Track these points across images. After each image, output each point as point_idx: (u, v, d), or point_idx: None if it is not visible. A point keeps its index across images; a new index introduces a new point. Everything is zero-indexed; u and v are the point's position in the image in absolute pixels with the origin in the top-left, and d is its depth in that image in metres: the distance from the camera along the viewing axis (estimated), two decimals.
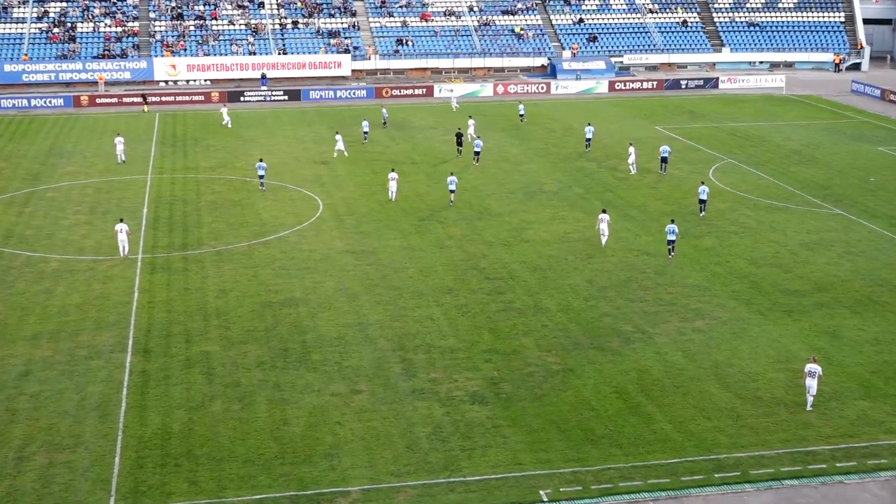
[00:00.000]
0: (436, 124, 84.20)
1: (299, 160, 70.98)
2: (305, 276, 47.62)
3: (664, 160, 67.88)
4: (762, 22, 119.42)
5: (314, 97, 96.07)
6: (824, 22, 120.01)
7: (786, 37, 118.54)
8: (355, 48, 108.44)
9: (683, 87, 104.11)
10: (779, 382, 37.05)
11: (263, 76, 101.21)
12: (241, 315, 42.84)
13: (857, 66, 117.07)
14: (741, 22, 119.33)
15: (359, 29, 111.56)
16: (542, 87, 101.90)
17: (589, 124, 76.29)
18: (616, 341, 40.53)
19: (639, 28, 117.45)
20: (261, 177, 62.47)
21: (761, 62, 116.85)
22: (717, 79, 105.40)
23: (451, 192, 59.41)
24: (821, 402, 35.44)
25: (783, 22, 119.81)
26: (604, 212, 52.94)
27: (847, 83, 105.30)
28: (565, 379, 37.27)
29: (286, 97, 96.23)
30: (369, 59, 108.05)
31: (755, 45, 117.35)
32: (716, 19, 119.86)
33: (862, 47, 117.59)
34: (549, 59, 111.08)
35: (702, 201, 57.49)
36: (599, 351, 39.65)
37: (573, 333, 41.29)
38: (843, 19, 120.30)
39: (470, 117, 79.10)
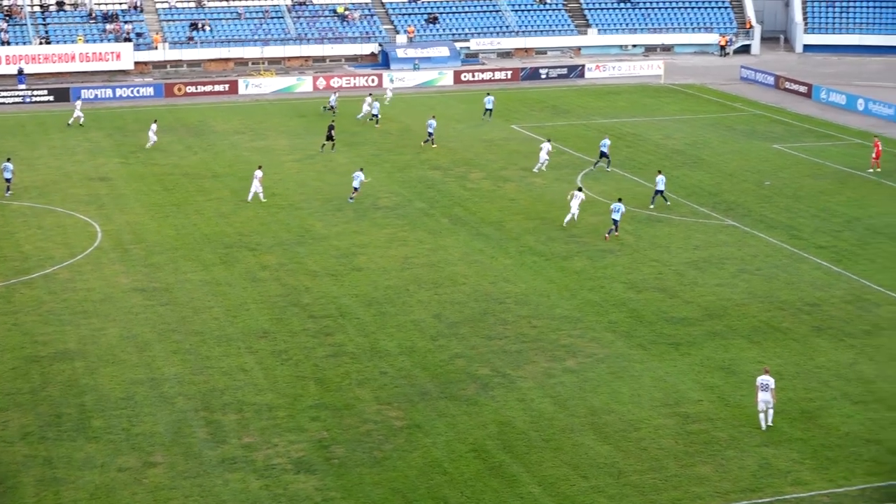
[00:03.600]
0: (243, 128, 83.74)
1: (70, 176, 69.62)
2: (82, 321, 46.66)
3: (603, 155, 70.92)
4: None
5: (87, 97, 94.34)
6: None
7: (663, 15, 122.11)
8: (138, 35, 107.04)
9: (544, 77, 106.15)
10: (667, 430, 37.97)
11: (20, 72, 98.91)
12: (0, 374, 41.72)
13: (746, 49, 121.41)
14: None
15: (142, 11, 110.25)
16: (373, 80, 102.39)
17: (433, 117, 77.79)
18: (471, 388, 40.88)
19: (488, 6, 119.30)
20: (7, 180, 61.41)
21: (635, 46, 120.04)
22: (584, 66, 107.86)
23: (355, 189, 63.38)
24: (716, 451, 36.49)
25: None
26: (579, 189, 60.22)
27: (735, 69, 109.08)
28: (411, 437, 37.40)
29: (51, 97, 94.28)
30: (156, 48, 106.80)
31: (627, 25, 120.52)
32: None
33: (751, 27, 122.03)
34: (380, 45, 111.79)
35: (658, 191, 62.35)
36: (452, 401, 39.92)
37: (419, 381, 41.47)
38: None
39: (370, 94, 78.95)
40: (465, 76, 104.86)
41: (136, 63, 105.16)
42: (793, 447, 36.91)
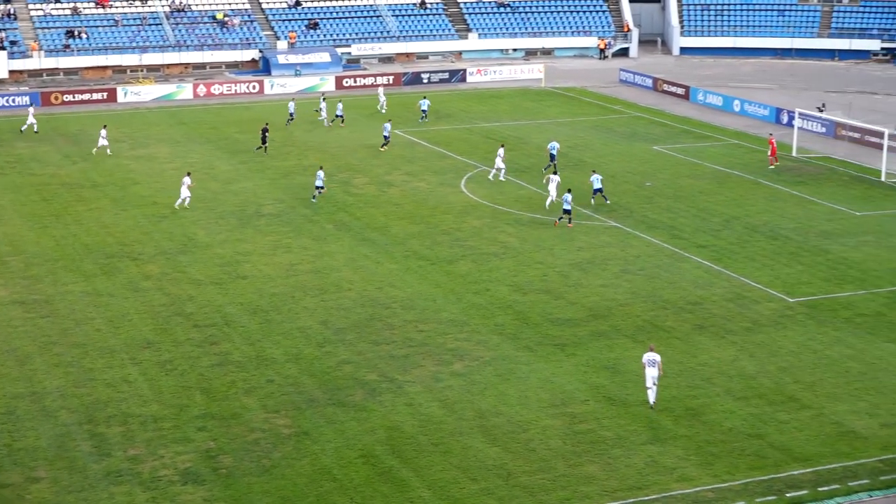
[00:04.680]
0: (122, 136, 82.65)
1: None
2: None
3: (553, 158, 71.75)
4: (514, 2, 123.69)
5: None
6: (586, 1, 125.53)
7: (543, 19, 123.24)
8: (13, 43, 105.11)
9: (425, 81, 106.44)
10: (554, 430, 38.29)
11: None
12: None
13: (624, 52, 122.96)
14: (489, 2, 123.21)
15: (16, 19, 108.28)
16: (254, 87, 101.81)
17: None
18: (359, 394, 40.84)
19: (369, 11, 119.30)
20: None
21: (515, 50, 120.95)
22: (465, 70, 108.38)
23: (319, 188, 65.17)
24: (603, 450, 36.88)
25: (539, 2, 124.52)
26: (555, 173, 65.95)
27: (615, 72, 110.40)
28: (299, 445, 37.25)
29: None
30: (31, 56, 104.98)
31: (507, 29, 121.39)
32: (460, 0, 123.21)
33: (629, 30, 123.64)
34: (261, 51, 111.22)
35: (596, 190, 63.74)
36: (340, 407, 39.84)
37: (307, 388, 41.33)
38: None
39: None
40: (347, 81, 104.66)
41: (11, 72, 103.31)
42: (678, 444, 37.43)
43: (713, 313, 48.65)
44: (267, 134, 78.00)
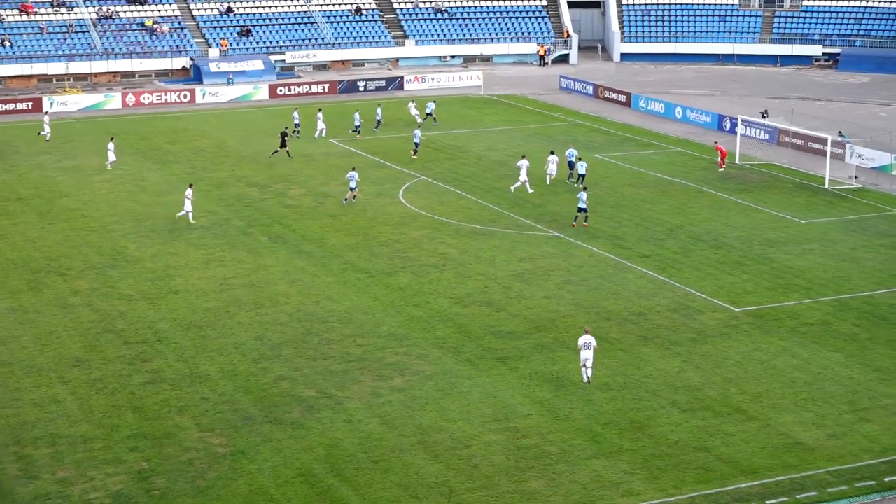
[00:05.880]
0: (48, 148, 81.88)
1: None
2: None
3: (572, 165, 72.32)
4: (451, 8, 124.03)
5: None
6: (524, 7, 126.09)
7: (481, 26, 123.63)
8: None
9: (362, 89, 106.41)
10: (498, 446, 38.27)
11: None
12: None
13: (564, 59, 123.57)
14: (426, 8, 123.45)
15: None
16: (185, 96, 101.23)
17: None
18: (297, 411, 40.65)
19: (303, 18, 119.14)
20: None
21: (453, 57, 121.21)
22: (402, 78, 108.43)
23: (351, 189, 66.18)
24: (548, 465, 36.90)
25: (476, 7, 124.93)
26: (552, 153, 70.38)
27: (555, 79, 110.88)
28: (235, 464, 37.00)
29: None
30: None
31: (445, 36, 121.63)
32: (396, 6, 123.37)
33: (569, 36, 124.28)
34: (191, 59, 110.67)
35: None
36: (277, 425, 39.63)
37: (242, 405, 41.09)
38: (545, 3, 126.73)
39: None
40: (281, 90, 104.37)
41: None
42: (623, 458, 37.54)
43: (657, 324, 48.90)
44: (286, 138, 78.37)
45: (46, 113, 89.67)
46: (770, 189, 71.40)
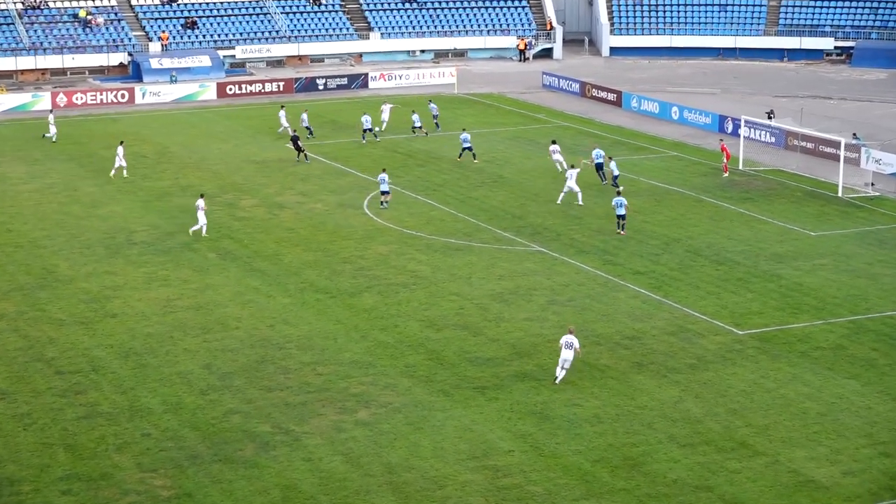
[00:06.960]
0: None
1: None
2: None
3: (599, 167, 73.44)
4: None
5: None
6: None
7: (454, 16, 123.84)
8: None
9: (322, 87, 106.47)
10: (475, 486, 38.24)
11: None
12: None
13: (547, 53, 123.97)
14: None
15: None
16: (123, 95, 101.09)
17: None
18: (250, 448, 40.56)
19: (255, 9, 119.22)
20: None
21: (423, 51, 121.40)
22: (367, 75, 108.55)
23: (384, 193, 67.98)
24: None
25: None
26: (553, 143, 73.73)
27: (537, 76, 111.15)
28: None
29: None
30: None
31: (414, 28, 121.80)
32: None
33: (553, 28, 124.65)
34: (130, 54, 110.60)
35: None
36: (227, 464, 39.53)
37: (189, 442, 40.97)
38: None
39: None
40: (230, 89, 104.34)
41: None
42: (616, 499, 37.54)
43: (653, 349, 48.99)
44: (299, 142, 79.17)
45: (51, 111, 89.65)
46: (777, 198, 71.70)
